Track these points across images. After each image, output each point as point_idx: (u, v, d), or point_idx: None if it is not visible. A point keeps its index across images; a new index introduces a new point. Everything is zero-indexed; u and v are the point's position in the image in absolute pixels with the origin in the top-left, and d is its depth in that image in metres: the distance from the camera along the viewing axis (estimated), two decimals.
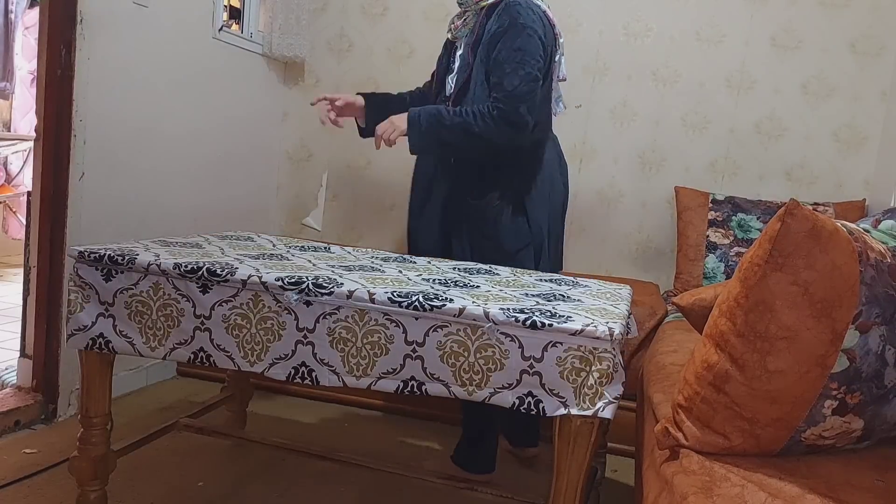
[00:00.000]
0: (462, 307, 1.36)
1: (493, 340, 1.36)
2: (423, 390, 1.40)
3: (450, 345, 1.38)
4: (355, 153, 3.39)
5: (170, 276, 1.53)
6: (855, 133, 2.90)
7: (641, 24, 3.03)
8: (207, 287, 1.50)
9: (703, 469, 1.11)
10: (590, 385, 1.32)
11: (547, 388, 1.34)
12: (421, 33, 3.25)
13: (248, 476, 2.06)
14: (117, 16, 2.35)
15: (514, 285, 1.68)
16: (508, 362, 1.35)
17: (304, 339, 1.46)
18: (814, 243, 1.03)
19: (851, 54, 2.87)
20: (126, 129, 2.46)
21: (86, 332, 1.57)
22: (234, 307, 1.49)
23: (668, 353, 1.87)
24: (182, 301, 1.53)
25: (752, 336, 1.07)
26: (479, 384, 1.37)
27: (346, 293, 1.42)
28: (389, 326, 1.41)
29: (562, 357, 1.33)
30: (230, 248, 1.82)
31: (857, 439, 1.17)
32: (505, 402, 1.37)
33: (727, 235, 2.73)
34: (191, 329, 1.52)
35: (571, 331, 1.31)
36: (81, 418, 1.65)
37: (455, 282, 1.63)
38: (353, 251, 1.98)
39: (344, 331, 1.43)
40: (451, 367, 1.38)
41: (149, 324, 1.56)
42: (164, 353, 1.55)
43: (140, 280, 1.55)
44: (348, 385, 1.44)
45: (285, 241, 2.05)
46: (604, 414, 1.31)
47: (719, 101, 2.99)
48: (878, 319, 1.07)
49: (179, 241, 1.85)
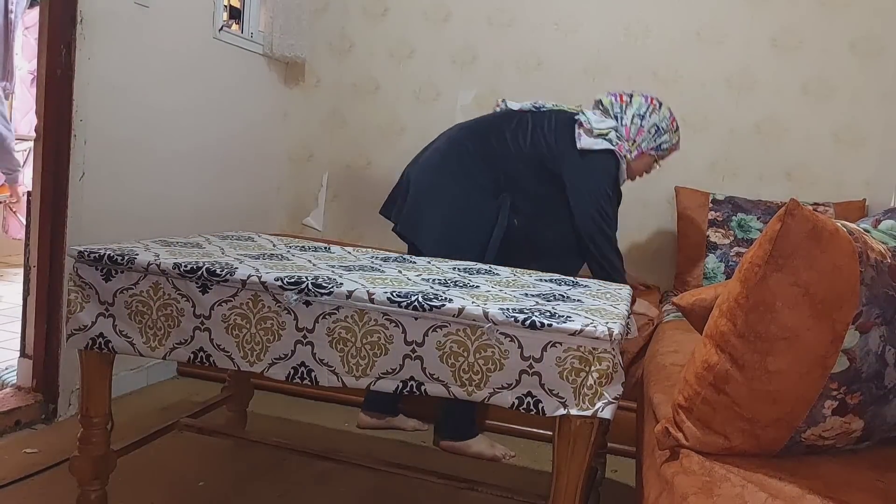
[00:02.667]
0: (461, 307, 1.36)
1: (492, 340, 1.35)
2: (422, 390, 1.40)
3: (449, 345, 1.38)
4: (355, 153, 3.39)
5: (170, 276, 1.52)
6: (855, 133, 2.90)
7: (642, 25, 3.03)
8: (207, 287, 1.50)
9: (704, 469, 1.11)
10: (589, 385, 1.31)
11: (546, 388, 1.34)
12: (421, 34, 3.25)
13: (249, 476, 2.06)
14: (117, 16, 2.35)
15: (514, 285, 1.68)
16: (508, 362, 1.35)
17: (304, 339, 1.45)
18: (814, 244, 1.03)
19: (851, 54, 2.87)
20: (126, 129, 2.46)
21: (86, 332, 1.57)
22: (234, 307, 1.49)
23: (668, 353, 1.87)
24: (182, 301, 1.52)
25: (752, 336, 1.07)
26: (479, 384, 1.37)
27: (345, 293, 1.42)
28: (389, 326, 1.41)
29: (561, 357, 1.33)
30: (230, 248, 1.82)
31: (857, 439, 1.17)
32: (504, 403, 1.36)
33: (727, 235, 2.73)
34: (191, 329, 1.52)
35: (571, 331, 1.31)
36: (81, 418, 1.64)
37: (455, 282, 1.63)
38: (353, 251, 1.98)
39: (343, 331, 1.43)
40: (451, 368, 1.38)
41: (149, 323, 1.55)
42: (164, 352, 1.55)
43: (140, 280, 1.55)
44: (347, 385, 1.44)
45: (286, 241, 2.04)
46: (603, 414, 1.31)
47: (720, 101, 2.99)
48: (878, 320, 1.07)
49: (180, 241, 1.84)
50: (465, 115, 3.22)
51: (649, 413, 1.57)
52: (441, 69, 3.25)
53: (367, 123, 3.37)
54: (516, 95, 3.18)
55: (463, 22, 3.21)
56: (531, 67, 3.14)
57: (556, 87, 3.10)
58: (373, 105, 3.35)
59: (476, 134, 2.35)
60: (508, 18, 3.15)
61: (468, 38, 3.21)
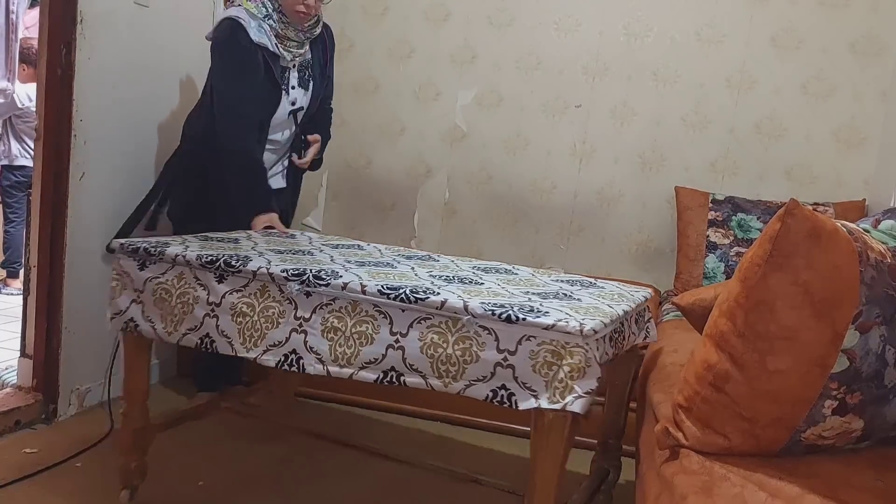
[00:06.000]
0: (444, 300, 1.41)
1: (471, 333, 1.39)
2: (401, 381, 1.45)
3: (430, 336, 1.42)
4: (355, 153, 3.39)
5: (192, 267, 1.65)
6: (855, 133, 2.90)
7: (641, 25, 3.03)
8: (223, 277, 1.62)
9: (703, 469, 1.11)
10: (560, 379, 1.34)
11: (519, 381, 1.37)
12: (421, 33, 3.25)
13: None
14: (117, 16, 2.35)
15: (525, 284, 1.70)
16: (484, 355, 1.38)
17: (300, 327, 1.54)
18: (814, 243, 1.03)
19: (851, 54, 2.87)
20: (126, 129, 2.46)
21: (121, 317, 1.74)
22: (243, 296, 1.60)
23: (668, 353, 1.87)
24: (199, 289, 1.64)
25: (752, 336, 1.07)
26: (455, 376, 1.40)
27: (341, 284, 1.50)
28: (378, 317, 1.47)
29: (535, 351, 1.35)
30: (265, 244, 1.92)
31: (857, 439, 1.17)
32: (479, 395, 1.39)
33: (727, 235, 2.73)
34: (201, 316, 1.63)
35: (544, 325, 1.34)
36: (123, 394, 1.81)
37: (462, 279, 1.67)
38: (383, 248, 2.05)
39: (336, 320, 1.51)
40: (430, 359, 1.42)
41: (168, 310, 1.68)
42: (178, 338, 1.67)
43: (168, 270, 1.69)
44: (332, 374, 1.50)
45: (324, 239, 2.15)
46: (573, 408, 1.32)
47: (719, 101, 2.99)
48: (878, 319, 1.07)
49: (219, 236, 1.96)
50: (465, 115, 3.24)
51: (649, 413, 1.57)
52: (441, 69, 3.24)
53: (366, 123, 3.37)
54: (516, 95, 3.19)
55: (463, 22, 3.20)
56: (531, 67, 3.14)
57: (556, 86, 3.10)
58: (373, 105, 3.35)
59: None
60: (508, 18, 3.15)
61: (468, 37, 3.20)
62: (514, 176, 3.18)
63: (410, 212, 3.32)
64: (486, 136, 3.20)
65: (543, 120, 3.13)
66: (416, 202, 3.31)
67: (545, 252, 3.17)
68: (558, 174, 3.14)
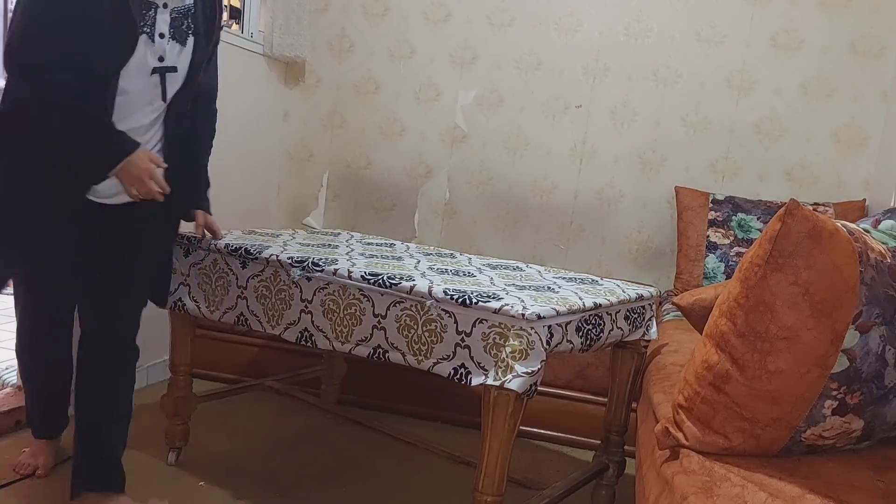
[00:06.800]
0: (413, 285, 1.56)
1: (434, 315, 1.53)
2: (386, 357, 1.60)
3: (404, 318, 1.57)
4: (356, 153, 3.39)
5: (222, 254, 1.90)
6: (855, 133, 2.90)
7: (642, 25, 3.03)
8: (245, 263, 1.86)
9: (704, 469, 1.11)
10: (502, 358, 1.44)
11: (475, 360, 1.48)
12: (421, 33, 3.26)
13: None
14: None
15: (519, 279, 1.80)
16: (446, 336, 1.52)
17: (306, 308, 1.74)
18: (814, 244, 1.03)
19: (851, 54, 2.87)
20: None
21: (171, 297, 1.99)
22: (262, 280, 1.82)
23: (669, 353, 1.87)
24: (230, 274, 1.89)
25: (752, 336, 1.07)
26: (426, 354, 1.55)
27: (332, 270, 1.68)
28: (363, 300, 1.64)
29: (486, 332, 1.47)
30: (301, 239, 2.15)
31: (857, 439, 1.17)
32: (443, 372, 1.52)
33: (727, 235, 2.73)
34: (235, 297, 1.88)
35: (492, 309, 1.45)
36: (170, 366, 2.10)
37: (456, 272, 1.79)
38: (403, 244, 2.23)
39: (332, 302, 1.69)
40: (406, 338, 1.58)
41: (209, 292, 1.94)
42: (219, 315, 1.91)
43: (205, 256, 1.94)
44: (336, 349, 1.68)
45: (358, 237, 2.38)
46: (511, 385, 1.41)
47: (719, 101, 2.99)
48: (878, 319, 1.07)
49: (262, 230, 2.24)
50: (465, 115, 3.24)
51: (649, 413, 1.58)
52: (441, 69, 3.25)
53: (367, 123, 3.37)
54: (516, 95, 3.19)
55: (463, 22, 3.21)
56: (531, 67, 3.14)
57: (556, 86, 3.10)
58: (373, 105, 3.35)
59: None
60: (508, 18, 3.15)
61: (468, 37, 3.21)
62: (515, 176, 3.18)
63: (411, 212, 3.32)
64: (487, 137, 3.20)
65: (544, 120, 3.14)
66: (416, 202, 3.31)
67: (545, 252, 3.17)
68: (558, 174, 3.14)
